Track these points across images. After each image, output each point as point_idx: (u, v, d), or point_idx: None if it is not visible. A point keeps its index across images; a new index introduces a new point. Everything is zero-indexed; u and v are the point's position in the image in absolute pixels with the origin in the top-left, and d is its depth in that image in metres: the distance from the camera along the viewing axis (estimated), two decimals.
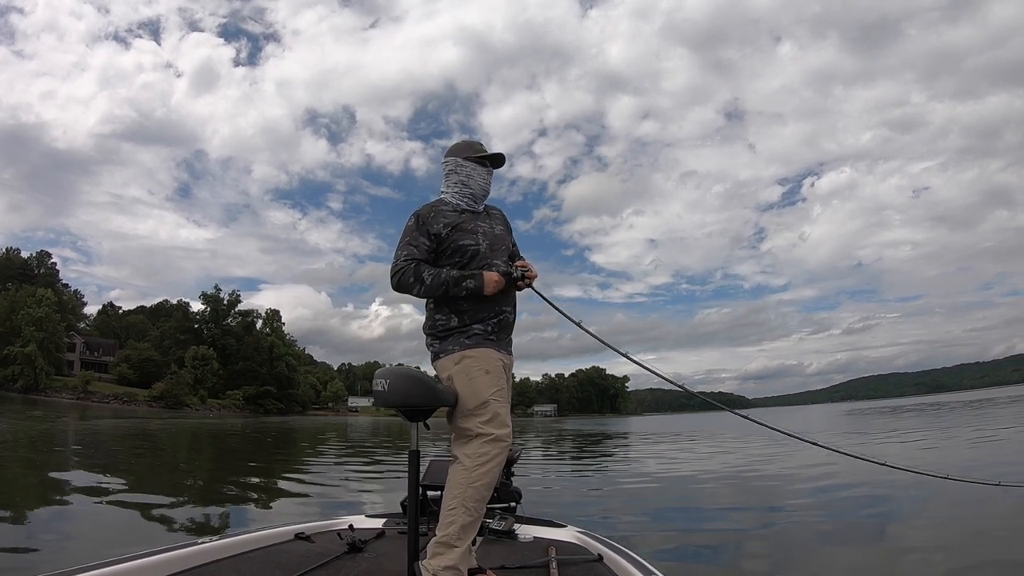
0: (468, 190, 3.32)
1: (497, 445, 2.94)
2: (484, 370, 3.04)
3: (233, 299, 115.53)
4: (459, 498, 2.85)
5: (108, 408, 72.77)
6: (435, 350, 3.19)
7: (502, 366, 3.14)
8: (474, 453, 2.90)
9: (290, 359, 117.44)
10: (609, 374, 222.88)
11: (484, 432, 2.93)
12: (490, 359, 3.09)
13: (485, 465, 2.90)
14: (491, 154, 3.38)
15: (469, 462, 2.90)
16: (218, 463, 17.78)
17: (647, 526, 7.88)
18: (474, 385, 3.00)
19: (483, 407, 2.96)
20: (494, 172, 3.44)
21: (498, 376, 3.07)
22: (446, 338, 3.16)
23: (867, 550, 6.19)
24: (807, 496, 9.59)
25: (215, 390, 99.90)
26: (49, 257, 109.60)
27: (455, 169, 3.34)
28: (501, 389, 3.05)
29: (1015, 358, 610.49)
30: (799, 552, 6.38)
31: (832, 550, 6.37)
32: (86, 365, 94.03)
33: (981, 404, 53.94)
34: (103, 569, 2.69)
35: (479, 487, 2.87)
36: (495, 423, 2.94)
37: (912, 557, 5.97)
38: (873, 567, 5.70)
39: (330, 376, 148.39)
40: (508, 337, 3.32)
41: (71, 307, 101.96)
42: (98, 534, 6.96)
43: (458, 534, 2.79)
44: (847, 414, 64.62)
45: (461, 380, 3.04)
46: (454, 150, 3.40)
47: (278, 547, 3.55)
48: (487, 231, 3.33)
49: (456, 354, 3.09)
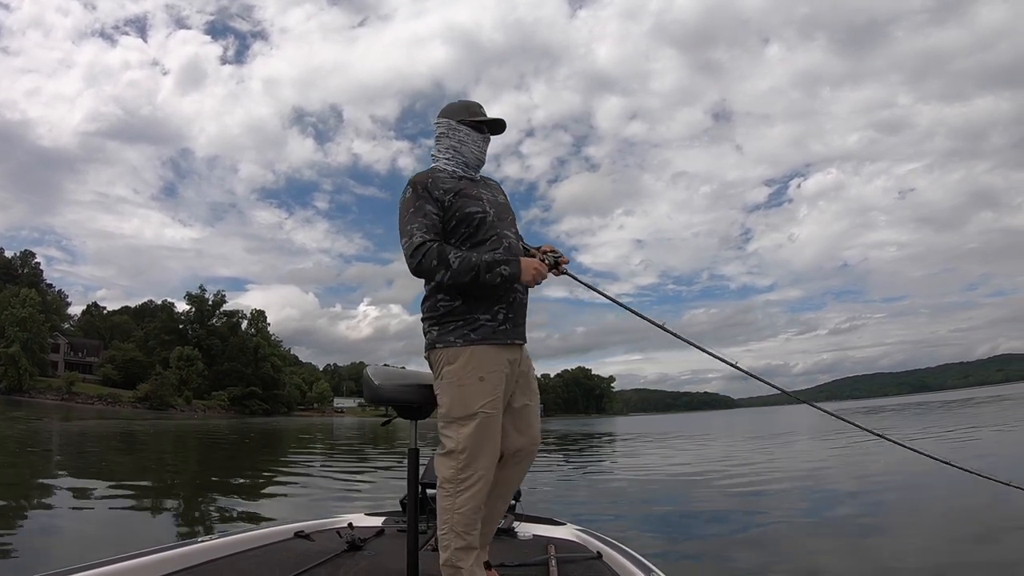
0: (461, 157, 2.93)
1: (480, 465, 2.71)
2: (479, 376, 2.70)
3: (218, 299, 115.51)
4: (448, 524, 2.67)
5: (92, 409, 72.31)
6: (432, 338, 2.80)
7: (505, 369, 2.77)
8: (454, 477, 2.67)
9: (275, 360, 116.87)
10: (595, 374, 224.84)
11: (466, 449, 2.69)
12: (490, 362, 2.72)
13: (469, 490, 2.67)
14: (489, 119, 3.00)
15: (450, 487, 2.68)
16: (207, 464, 17.68)
17: (646, 524, 7.92)
18: (464, 392, 2.69)
19: (469, 419, 2.67)
20: (492, 141, 3.06)
21: (494, 384, 2.71)
22: (447, 324, 2.77)
23: (867, 548, 6.22)
24: (804, 495, 9.65)
25: (200, 391, 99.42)
26: (33, 257, 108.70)
27: (447, 132, 2.95)
28: (496, 399, 2.71)
29: (999, 358, 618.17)
30: (797, 550, 6.41)
31: (831, 548, 6.40)
32: (70, 366, 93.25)
33: (960, 404, 54.59)
34: (101, 568, 2.66)
35: (466, 513, 2.66)
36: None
37: (911, 555, 6.01)
38: (873, 565, 5.73)
39: (316, 377, 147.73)
40: (522, 322, 2.91)
41: (55, 307, 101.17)
42: (87, 535, 6.91)
43: (458, 556, 2.65)
44: (847, 413, 65.18)
45: (451, 382, 2.73)
46: (448, 111, 3.00)
47: (277, 545, 3.54)
48: (490, 199, 2.95)
49: (454, 349, 2.72)
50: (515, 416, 2.89)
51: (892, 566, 5.67)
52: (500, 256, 2.75)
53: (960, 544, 6.33)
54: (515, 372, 2.86)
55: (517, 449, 2.91)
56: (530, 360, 3.01)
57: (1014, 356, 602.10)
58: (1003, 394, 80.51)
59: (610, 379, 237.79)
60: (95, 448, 20.90)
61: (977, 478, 3.89)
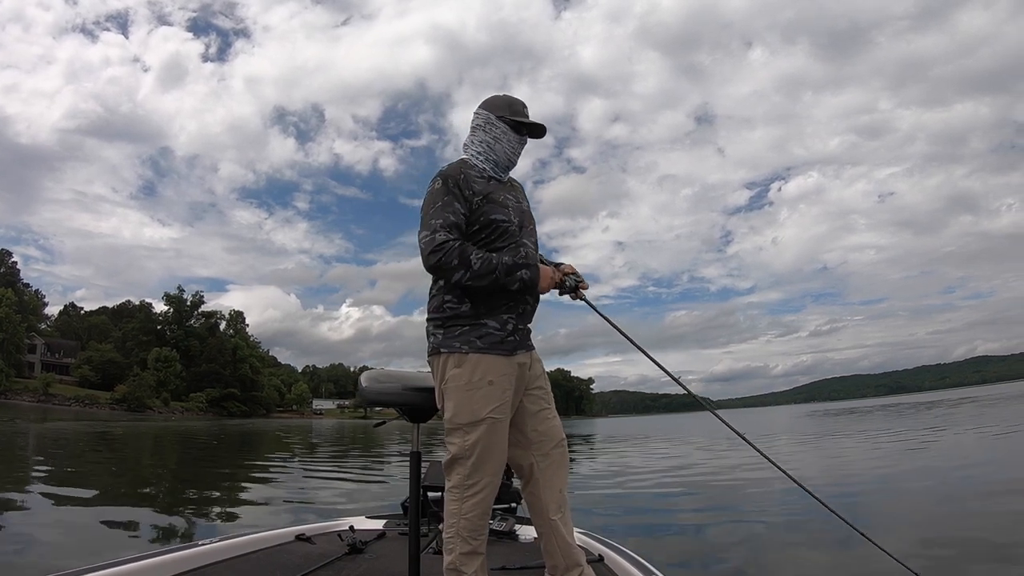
0: (492, 155, 2.81)
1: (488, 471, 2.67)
2: (488, 380, 2.62)
3: (196, 300, 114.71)
4: (454, 528, 2.65)
5: (69, 411, 71.28)
6: (436, 342, 2.72)
7: (514, 375, 2.71)
8: (461, 483, 2.64)
9: (254, 361, 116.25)
10: (575, 376, 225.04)
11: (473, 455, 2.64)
12: (498, 369, 2.66)
13: (476, 496, 2.64)
14: (530, 122, 2.86)
15: (457, 492, 2.65)
16: (192, 466, 17.51)
17: (647, 526, 7.92)
18: (472, 397, 2.61)
19: (477, 424, 2.61)
20: (528, 144, 2.94)
21: (503, 389, 2.65)
22: (452, 329, 2.69)
23: (865, 547, 6.25)
24: (804, 495, 9.66)
25: (178, 392, 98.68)
26: (10, 256, 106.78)
27: (483, 125, 2.82)
28: (504, 404, 2.65)
29: (976, 360, 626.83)
30: (797, 550, 6.42)
31: (830, 548, 6.43)
32: (47, 367, 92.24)
33: (928, 406, 55.20)
34: (100, 572, 2.65)
35: (472, 519, 2.64)
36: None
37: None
38: (872, 564, 5.75)
39: (294, 378, 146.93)
40: (527, 331, 2.85)
41: (32, 308, 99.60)
42: (71, 542, 6.72)
43: (462, 560, 2.62)
44: (807, 415, 65.61)
45: (457, 387, 2.64)
46: (489, 103, 2.87)
47: (279, 548, 3.53)
48: (515, 206, 2.84)
49: (459, 355, 2.65)
50: (535, 421, 2.82)
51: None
52: (521, 260, 2.70)
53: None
54: (525, 377, 2.80)
55: (547, 452, 2.82)
56: (541, 362, 2.95)
57: (991, 358, 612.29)
58: (974, 395, 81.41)
59: (589, 381, 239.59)
60: (71, 450, 20.58)
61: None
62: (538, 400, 2.86)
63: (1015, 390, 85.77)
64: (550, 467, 2.81)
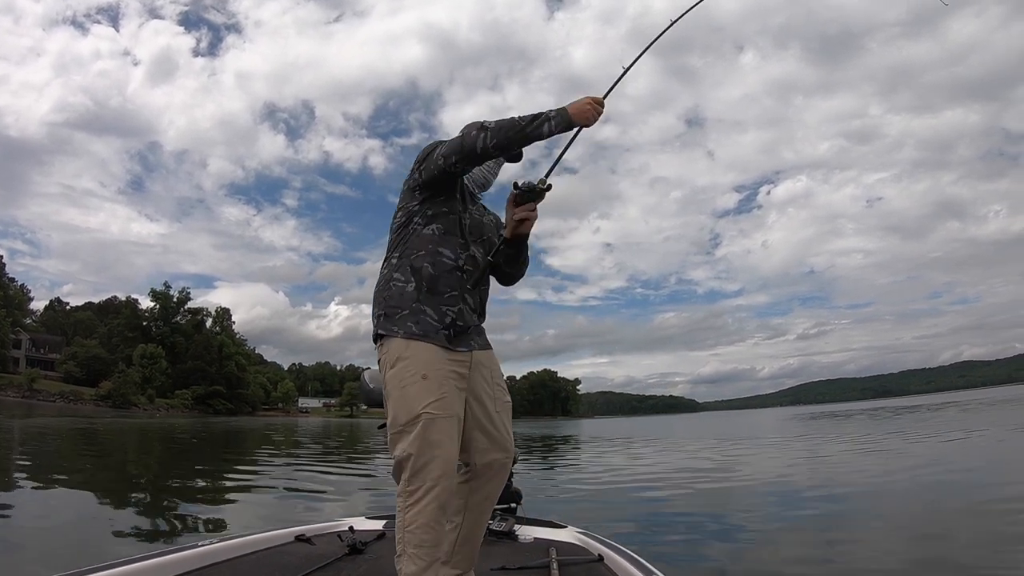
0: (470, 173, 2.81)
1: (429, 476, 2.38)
2: (421, 374, 2.45)
3: (183, 297, 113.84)
4: (400, 544, 2.39)
5: (53, 407, 70.71)
6: (379, 325, 2.59)
7: (451, 369, 2.53)
8: (403, 491, 2.40)
9: (240, 359, 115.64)
10: (561, 377, 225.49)
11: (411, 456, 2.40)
12: (433, 360, 2.50)
13: (418, 504, 2.37)
14: None
15: (400, 501, 2.41)
16: (171, 465, 17.37)
17: (647, 526, 7.90)
18: (406, 394, 2.44)
19: (413, 422, 2.40)
20: (505, 167, 2.92)
21: (439, 383, 2.46)
22: (393, 311, 2.56)
23: (865, 548, 6.28)
24: (804, 495, 9.71)
25: (163, 389, 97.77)
26: None
27: None
28: (443, 400, 2.43)
29: (961, 364, 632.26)
30: (798, 552, 6.44)
31: (829, 548, 6.45)
32: (32, 362, 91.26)
33: (911, 409, 55.87)
34: (100, 572, 2.63)
35: (415, 531, 2.35)
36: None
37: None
38: (872, 564, 5.78)
39: (280, 376, 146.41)
40: (471, 331, 2.69)
41: (17, 302, 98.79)
42: (62, 544, 6.65)
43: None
44: (792, 418, 66.00)
45: (393, 386, 2.50)
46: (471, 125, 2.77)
47: (278, 549, 3.51)
48: (476, 216, 2.83)
49: (396, 341, 2.51)
50: (484, 425, 2.67)
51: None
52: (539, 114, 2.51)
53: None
54: (469, 379, 2.64)
55: (489, 461, 2.69)
56: (498, 364, 2.83)
57: (976, 363, 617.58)
58: (959, 400, 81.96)
59: (576, 382, 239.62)
60: (54, 447, 20.41)
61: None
62: (489, 404, 2.72)
63: (999, 395, 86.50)
64: (490, 481, 2.73)
